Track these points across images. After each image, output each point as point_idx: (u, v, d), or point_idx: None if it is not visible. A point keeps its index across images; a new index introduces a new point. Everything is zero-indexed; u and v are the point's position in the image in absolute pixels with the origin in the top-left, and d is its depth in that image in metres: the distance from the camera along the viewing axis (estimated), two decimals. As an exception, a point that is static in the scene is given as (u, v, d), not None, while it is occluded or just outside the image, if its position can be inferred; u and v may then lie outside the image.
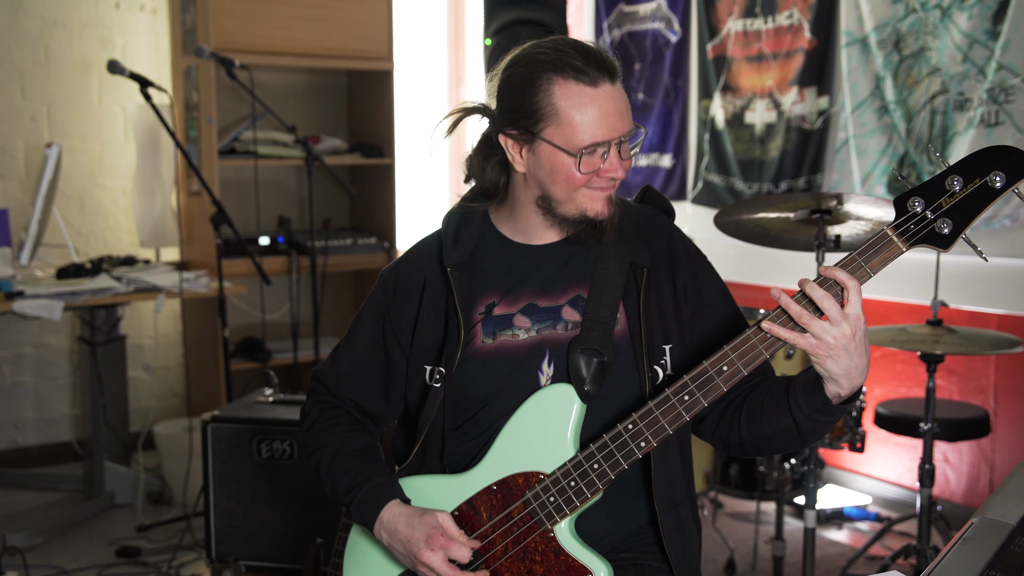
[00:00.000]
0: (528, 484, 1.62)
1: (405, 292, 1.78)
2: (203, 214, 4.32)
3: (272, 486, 2.87)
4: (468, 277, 1.73)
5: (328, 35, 4.64)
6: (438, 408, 1.70)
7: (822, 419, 1.59)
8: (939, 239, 1.46)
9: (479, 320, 1.71)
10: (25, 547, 3.59)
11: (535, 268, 1.73)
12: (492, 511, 1.64)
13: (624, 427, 1.57)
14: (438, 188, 5.74)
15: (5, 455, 4.61)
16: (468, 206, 1.80)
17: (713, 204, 4.70)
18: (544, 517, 1.61)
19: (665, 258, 1.74)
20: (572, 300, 1.70)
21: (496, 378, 1.68)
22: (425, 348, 1.74)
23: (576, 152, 1.60)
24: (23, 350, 4.65)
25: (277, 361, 4.60)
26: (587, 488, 1.59)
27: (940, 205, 1.46)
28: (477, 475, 1.66)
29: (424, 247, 1.81)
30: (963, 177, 1.44)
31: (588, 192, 1.64)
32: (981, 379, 3.85)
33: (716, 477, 3.77)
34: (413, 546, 1.62)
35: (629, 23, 5.16)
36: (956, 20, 3.68)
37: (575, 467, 1.59)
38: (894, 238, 1.49)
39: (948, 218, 1.45)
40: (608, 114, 1.60)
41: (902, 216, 1.48)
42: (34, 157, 4.57)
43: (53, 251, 4.39)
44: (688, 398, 1.55)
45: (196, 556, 3.56)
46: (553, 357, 1.67)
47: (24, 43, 4.54)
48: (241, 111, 4.66)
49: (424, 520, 1.63)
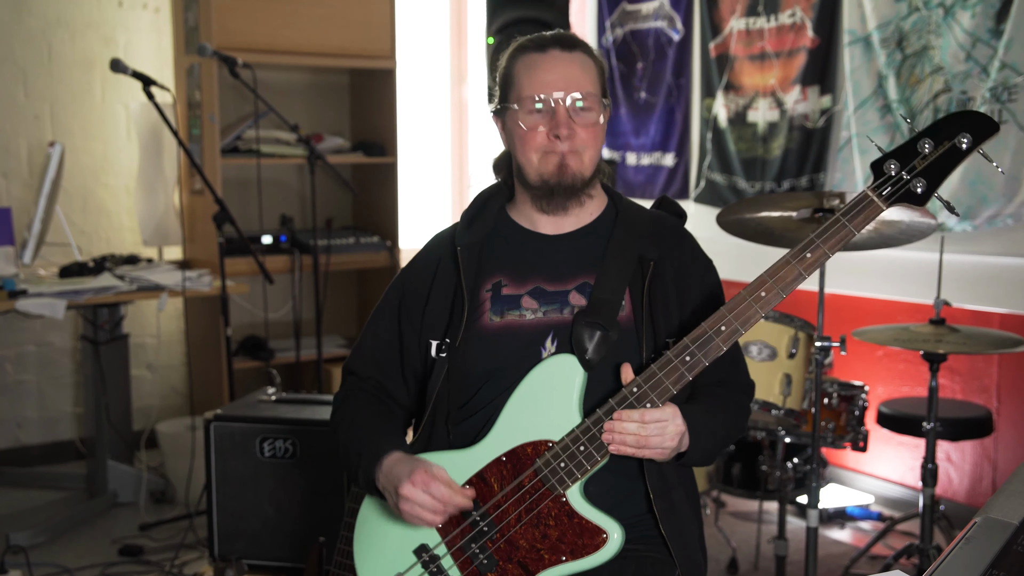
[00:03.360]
0: (537, 452, 1.67)
1: (420, 274, 1.87)
2: (206, 213, 4.33)
3: (275, 485, 2.88)
4: (477, 257, 1.81)
5: (331, 34, 4.64)
6: (443, 380, 1.76)
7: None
8: (915, 197, 1.57)
9: (487, 297, 1.78)
10: (28, 546, 3.60)
11: (545, 255, 1.81)
12: (503, 481, 1.68)
13: (629, 390, 1.64)
14: (441, 187, 5.74)
15: (8, 454, 4.62)
16: (489, 194, 1.92)
17: (715, 203, 4.70)
18: (556, 483, 1.65)
19: (673, 258, 1.82)
20: (579, 286, 1.77)
21: (500, 354, 1.74)
22: (433, 324, 1.81)
23: (519, 104, 1.76)
24: (26, 349, 4.66)
25: (280, 360, 4.61)
26: (596, 451, 1.64)
27: (914, 166, 1.57)
28: (485, 448, 1.71)
29: (442, 236, 1.92)
30: (933, 140, 1.56)
31: (541, 155, 1.76)
32: (984, 378, 3.85)
33: (719, 476, 3.78)
34: (396, 480, 1.64)
35: (632, 22, 5.15)
36: (959, 18, 3.68)
37: (583, 432, 1.64)
38: (874, 199, 1.59)
39: (922, 177, 1.57)
40: (550, 71, 1.75)
41: (880, 178, 1.59)
42: (37, 156, 4.57)
43: (56, 250, 4.39)
44: (689, 359, 1.62)
45: (199, 555, 3.57)
46: (557, 336, 1.74)
47: (27, 42, 4.54)
48: (244, 110, 4.66)
49: (414, 460, 1.68)
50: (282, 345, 4.73)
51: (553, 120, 1.75)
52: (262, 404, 3.02)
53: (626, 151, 5.25)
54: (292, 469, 2.86)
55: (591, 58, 1.81)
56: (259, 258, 3.67)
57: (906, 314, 3.97)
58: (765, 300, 1.61)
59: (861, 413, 3.33)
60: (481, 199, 1.90)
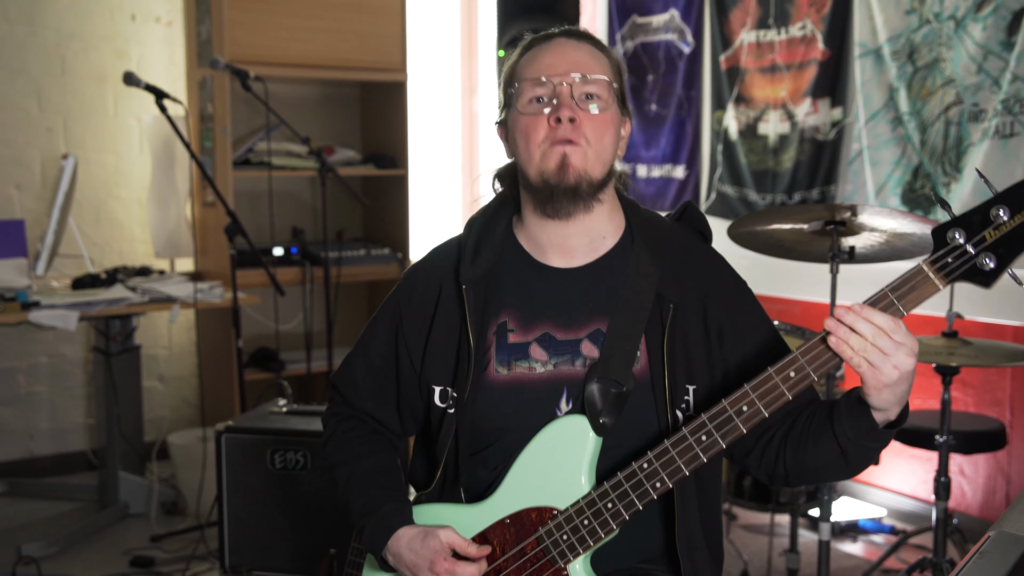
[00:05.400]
0: (541, 520, 1.58)
1: (420, 301, 1.73)
2: (217, 225, 4.34)
3: (286, 496, 2.88)
4: (484, 293, 1.67)
5: (342, 47, 4.66)
6: (453, 435, 1.66)
7: (870, 445, 1.51)
8: (981, 276, 1.33)
9: (492, 340, 1.65)
10: (40, 556, 3.60)
11: (554, 293, 1.66)
12: (506, 545, 1.60)
13: (639, 466, 1.51)
14: (451, 199, 5.75)
15: (20, 465, 4.63)
16: (492, 210, 1.76)
17: (726, 215, 4.69)
18: (557, 555, 1.56)
19: (697, 294, 1.64)
20: (592, 334, 1.63)
21: (511, 413, 1.63)
22: (435, 367, 1.69)
23: (519, 95, 1.62)
24: (38, 360, 4.67)
25: (291, 371, 4.62)
26: (601, 528, 1.54)
27: (984, 238, 1.32)
28: (491, 507, 1.63)
29: (444, 253, 1.76)
30: (1010, 207, 1.31)
31: (542, 151, 1.59)
32: (997, 391, 3.83)
33: (730, 489, 3.76)
34: (418, 572, 1.59)
35: (642, 34, 5.16)
36: (970, 31, 3.68)
37: (588, 506, 1.54)
38: (931, 274, 1.35)
39: (992, 252, 1.32)
40: (554, 55, 1.63)
41: (941, 249, 1.34)
42: (50, 168, 4.60)
43: (69, 262, 4.41)
44: (705, 438, 1.48)
45: (210, 566, 3.57)
46: (571, 395, 1.62)
47: (41, 55, 4.58)
48: (255, 122, 4.68)
49: (427, 544, 1.59)
50: (293, 357, 4.73)
51: (556, 105, 1.58)
52: (273, 416, 3.03)
53: (637, 163, 5.26)
54: (303, 481, 2.86)
55: (604, 52, 1.66)
56: (270, 270, 3.68)
57: (918, 326, 3.96)
58: (794, 380, 1.44)
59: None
60: (483, 220, 1.73)
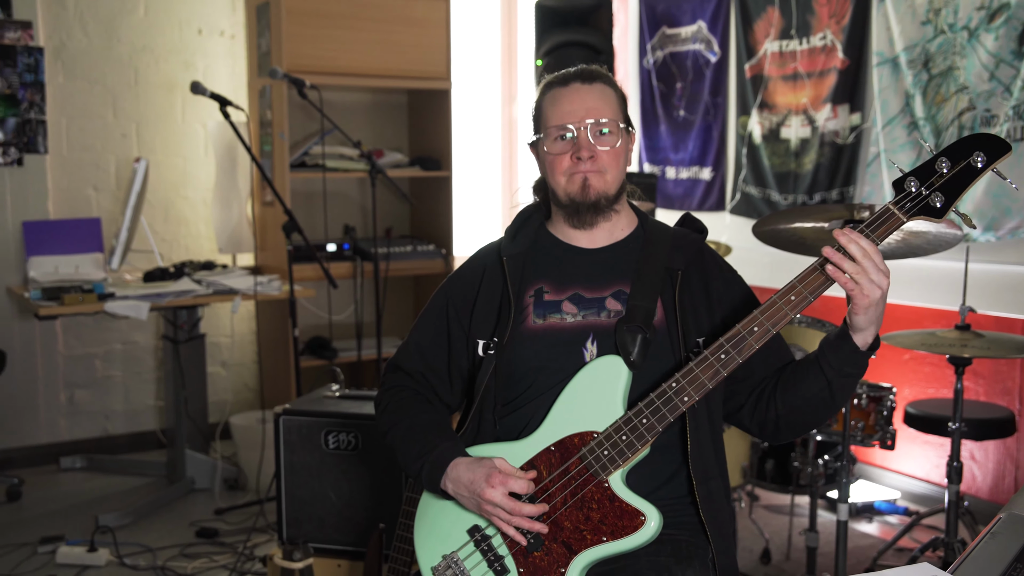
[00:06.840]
0: (583, 441, 1.70)
1: (467, 280, 1.91)
2: (276, 223, 4.38)
3: (338, 475, 2.90)
4: (521, 267, 1.86)
5: (391, 57, 4.68)
6: (490, 375, 1.79)
7: (850, 371, 1.68)
8: (933, 210, 1.58)
9: (530, 301, 1.82)
10: (115, 526, 3.67)
11: (581, 266, 1.86)
12: (551, 468, 1.71)
13: (668, 385, 1.67)
14: (492, 199, 5.76)
15: (97, 442, 4.71)
16: (529, 213, 1.96)
17: (750, 214, 4.66)
18: (599, 469, 1.68)
19: (698, 267, 1.86)
20: (615, 293, 1.81)
21: (544, 353, 1.78)
22: (480, 325, 1.85)
23: (546, 134, 1.83)
24: (113, 347, 4.75)
25: (343, 359, 4.65)
26: (637, 441, 1.66)
27: (932, 183, 1.58)
28: (535, 439, 1.73)
29: (487, 248, 1.96)
30: (950, 159, 1.56)
31: (567, 177, 1.81)
32: (1007, 381, 3.77)
33: (752, 472, 3.74)
34: (476, 487, 1.69)
35: (671, 44, 5.13)
36: (983, 41, 3.62)
37: (625, 423, 1.67)
38: (896, 212, 1.60)
39: (940, 192, 1.57)
40: (571, 102, 1.82)
41: (900, 194, 1.60)
42: (124, 171, 4.66)
43: (140, 256, 4.47)
44: (724, 356, 1.65)
45: (269, 538, 3.61)
46: (596, 337, 1.77)
47: (116, 67, 4.64)
48: (311, 128, 4.71)
49: (483, 464, 1.71)
50: (345, 345, 4.77)
51: (576, 145, 1.80)
52: (327, 400, 3.05)
53: (666, 165, 5.23)
54: (355, 460, 2.88)
55: (611, 88, 1.86)
56: (324, 264, 3.71)
57: (932, 320, 3.91)
58: (794, 303, 1.63)
59: (889, 413, 3.28)
60: (522, 217, 1.94)
